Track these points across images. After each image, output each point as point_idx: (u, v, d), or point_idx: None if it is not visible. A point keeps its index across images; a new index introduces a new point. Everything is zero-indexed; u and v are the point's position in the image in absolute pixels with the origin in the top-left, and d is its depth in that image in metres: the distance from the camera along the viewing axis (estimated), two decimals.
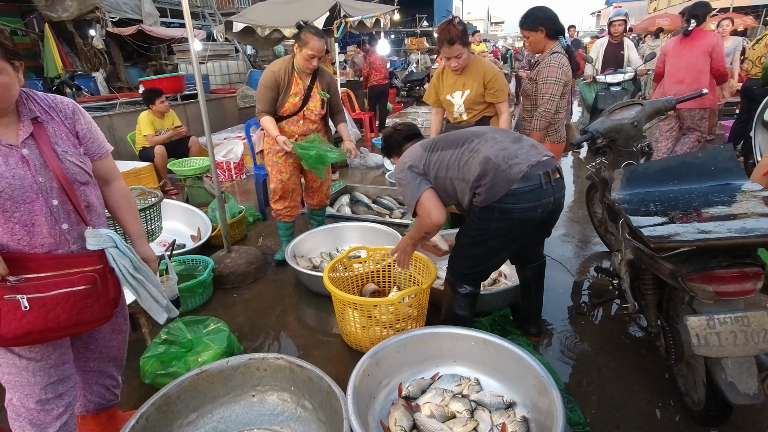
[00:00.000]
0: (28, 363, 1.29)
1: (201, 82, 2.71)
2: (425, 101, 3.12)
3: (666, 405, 1.88)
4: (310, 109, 2.85)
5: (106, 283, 1.32)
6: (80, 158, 1.33)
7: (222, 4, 13.05)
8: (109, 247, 1.30)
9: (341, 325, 2.31)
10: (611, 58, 5.25)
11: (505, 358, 1.81)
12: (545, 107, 2.63)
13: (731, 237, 1.31)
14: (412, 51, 17.46)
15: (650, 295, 1.83)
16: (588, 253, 3.30)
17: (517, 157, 1.81)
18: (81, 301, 1.25)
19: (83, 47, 9.06)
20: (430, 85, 3.05)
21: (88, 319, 1.29)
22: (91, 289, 1.26)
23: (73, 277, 1.24)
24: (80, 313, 1.26)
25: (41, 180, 1.23)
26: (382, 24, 6.14)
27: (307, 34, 2.60)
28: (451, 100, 2.89)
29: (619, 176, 1.89)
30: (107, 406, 1.70)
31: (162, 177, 4.77)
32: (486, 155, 1.82)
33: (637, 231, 1.48)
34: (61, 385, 1.37)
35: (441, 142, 1.99)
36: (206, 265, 2.89)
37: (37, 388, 1.32)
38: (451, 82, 2.88)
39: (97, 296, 1.28)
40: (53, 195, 1.25)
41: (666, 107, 2.31)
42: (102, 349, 1.57)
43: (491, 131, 1.97)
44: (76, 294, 1.23)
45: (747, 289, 1.39)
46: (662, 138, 4.21)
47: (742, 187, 1.70)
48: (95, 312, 1.29)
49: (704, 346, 1.41)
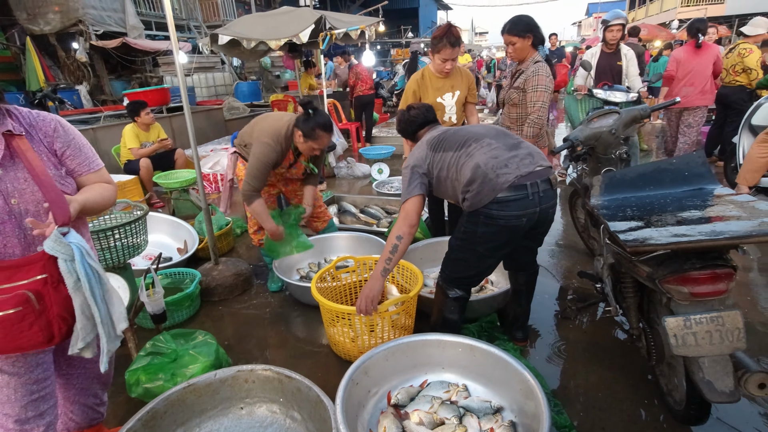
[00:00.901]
0: (10, 378, 1.26)
1: (186, 95, 2.72)
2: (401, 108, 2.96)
3: (650, 405, 1.92)
4: (291, 173, 2.78)
5: (47, 299, 1.15)
6: (61, 179, 1.28)
7: (208, 17, 13.08)
8: (63, 258, 1.14)
9: (330, 335, 2.32)
10: (606, 70, 4.42)
11: (492, 363, 1.84)
12: (537, 114, 2.69)
13: (702, 240, 1.36)
14: (397, 61, 17.68)
15: (631, 298, 1.87)
16: (572, 258, 3.36)
17: (507, 166, 1.84)
18: (13, 327, 1.10)
19: (66, 60, 9.02)
20: (407, 92, 2.98)
21: (27, 344, 1.15)
22: (22, 311, 1.10)
23: (1, 299, 1.10)
24: (16, 338, 1.12)
25: (14, 202, 1.18)
26: (367, 36, 6.22)
27: (319, 132, 2.41)
28: (442, 102, 2.89)
29: (598, 183, 1.95)
30: (91, 425, 1.68)
31: (148, 190, 4.73)
32: (477, 162, 1.86)
33: (615, 235, 1.53)
34: (43, 403, 1.34)
35: (445, 142, 2.03)
36: (193, 277, 2.87)
37: (18, 405, 1.28)
38: (439, 85, 2.89)
39: (33, 318, 1.13)
40: (27, 217, 1.19)
41: (642, 115, 2.38)
42: (86, 365, 1.54)
43: (491, 135, 1.98)
44: (4, 319, 1.08)
45: (720, 289, 1.44)
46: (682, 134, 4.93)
47: (714, 192, 1.77)
48: (34, 335, 1.14)
49: (682, 346, 1.45)
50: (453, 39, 2.67)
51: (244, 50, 5.96)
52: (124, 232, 2.07)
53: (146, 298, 2.12)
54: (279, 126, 2.51)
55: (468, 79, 2.96)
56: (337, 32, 5.69)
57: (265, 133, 2.48)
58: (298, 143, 2.50)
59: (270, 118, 2.63)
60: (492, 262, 2.04)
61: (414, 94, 2.94)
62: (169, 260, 3.26)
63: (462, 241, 1.98)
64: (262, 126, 2.57)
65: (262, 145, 2.45)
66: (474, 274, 2.06)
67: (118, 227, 2.03)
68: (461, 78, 2.92)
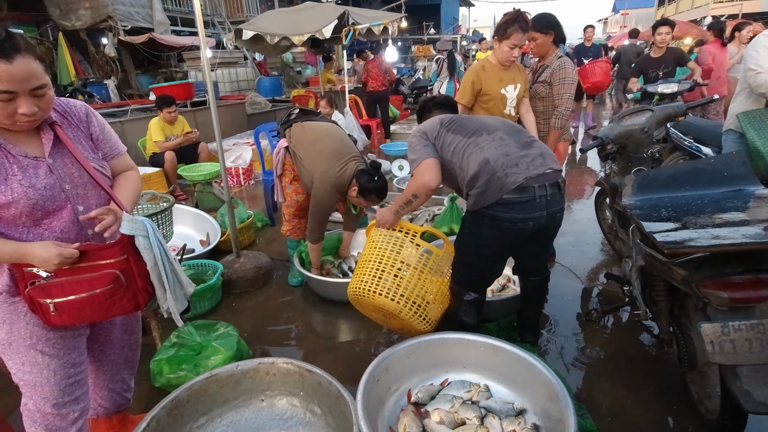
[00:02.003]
0: (50, 360, 1.30)
1: (212, 89, 2.74)
2: (459, 101, 2.78)
3: (679, 413, 1.85)
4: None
5: (131, 274, 1.28)
6: (99, 162, 1.34)
7: (232, 13, 13.23)
8: (140, 235, 1.26)
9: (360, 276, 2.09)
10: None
11: (515, 364, 1.80)
12: (565, 106, 2.73)
13: (747, 243, 1.30)
14: (418, 58, 17.55)
15: (662, 302, 1.81)
16: (597, 259, 3.27)
17: (517, 165, 1.78)
18: (107, 301, 1.25)
19: (95, 55, 9.24)
20: (467, 82, 2.77)
21: (119, 312, 1.30)
22: (113, 287, 1.24)
23: (95, 278, 1.22)
24: (109, 310, 1.27)
25: (68, 188, 1.24)
26: (390, 31, 6.19)
27: (374, 196, 2.53)
28: (506, 93, 2.74)
29: (630, 182, 1.89)
30: (118, 411, 1.71)
31: (172, 182, 4.81)
32: (486, 156, 1.81)
33: (649, 237, 1.47)
34: (78, 389, 1.38)
35: (456, 124, 1.98)
36: (215, 269, 2.91)
37: (56, 388, 1.32)
38: (501, 76, 2.73)
39: (122, 293, 1.27)
40: (78, 201, 1.27)
41: (677, 113, 2.30)
42: (116, 350, 1.58)
43: (504, 129, 1.93)
44: (99, 296, 1.23)
45: (762, 295, 1.37)
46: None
47: (755, 193, 1.69)
48: (124, 306, 1.29)
49: (719, 353, 1.39)
50: (524, 24, 2.57)
51: (267, 45, 6.02)
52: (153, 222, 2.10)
53: None
54: (343, 172, 2.54)
55: (524, 73, 2.85)
56: (360, 27, 5.68)
57: (327, 177, 2.53)
58: (350, 192, 2.60)
59: (330, 146, 2.62)
60: (499, 264, 2.00)
61: (473, 85, 2.75)
62: (192, 252, 3.30)
63: (467, 245, 1.94)
64: (323, 159, 2.57)
65: (326, 193, 2.56)
66: (482, 277, 2.02)
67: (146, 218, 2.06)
68: (519, 71, 2.80)
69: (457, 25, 24.81)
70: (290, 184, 2.89)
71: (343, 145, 2.67)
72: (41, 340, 1.28)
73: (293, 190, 2.89)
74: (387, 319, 2.16)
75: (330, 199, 2.58)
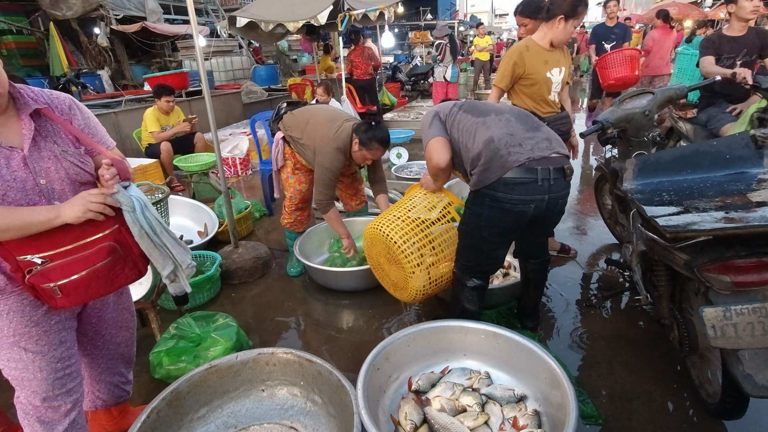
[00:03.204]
0: (35, 357, 1.28)
1: (206, 79, 2.69)
2: (496, 84, 2.61)
3: (679, 397, 1.85)
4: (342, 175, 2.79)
5: (126, 243, 1.29)
6: (80, 158, 1.28)
7: (225, 0, 13.02)
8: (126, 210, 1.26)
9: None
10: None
11: (515, 351, 1.79)
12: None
13: (751, 226, 1.28)
14: (416, 44, 17.34)
15: (663, 287, 1.80)
16: (597, 245, 3.26)
17: (521, 146, 1.77)
18: (109, 272, 1.26)
19: (88, 45, 9.10)
20: (507, 64, 2.52)
21: (125, 282, 1.33)
22: (113, 259, 1.26)
23: (92, 254, 1.22)
24: (114, 281, 1.29)
25: (42, 182, 1.19)
26: (386, 17, 6.09)
27: (376, 144, 2.45)
28: (551, 77, 2.52)
29: (631, 166, 1.86)
30: (118, 403, 1.71)
31: (168, 173, 4.77)
32: (491, 135, 1.81)
33: (651, 221, 1.45)
34: (69, 381, 1.37)
35: (468, 105, 2.00)
36: (213, 260, 2.89)
37: (45, 383, 1.31)
38: (547, 58, 2.50)
39: (123, 262, 1.29)
40: (55, 198, 1.22)
41: (678, 95, 2.26)
42: (109, 345, 1.56)
43: (512, 112, 1.93)
44: (101, 270, 1.24)
45: (766, 278, 1.35)
46: None
47: (758, 175, 1.66)
48: (128, 275, 1.32)
49: (721, 337, 1.38)
50: (587, 2, 2.40)
51: (261, 33, 5.92)
52: None
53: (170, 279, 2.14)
54: (341, 131, 2.50)
55: (569, 56, 2.67)
56: (355, 13, 5.58)
57: (327, 140, 2.48)
58: (353, 149, 2.53)
59: (322, 116, 2.61)
60: (501, 248, 1.98)
61: (515, 68, 2.51)
62: (189, 243, 3.28)
63: (468, 226, 1.94)
64: (318, 129, 2.55)
65: (330, 155, 2.47)
66: (486, 262, 2.01)
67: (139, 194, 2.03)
68: (564, 54, 2.61)
69: (454, 10, 24.47)
70: (292, 174, 2.85)
71: (335, 113, 2.67)
72: (24, 337, 1.26)
73: (296, 180, 2.86)
74: (387, 272, 2.29)
75: (335, 160, 2.48)
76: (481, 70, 11.13)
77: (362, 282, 2.74)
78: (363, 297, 2.72)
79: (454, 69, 6.80)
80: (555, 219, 1.97)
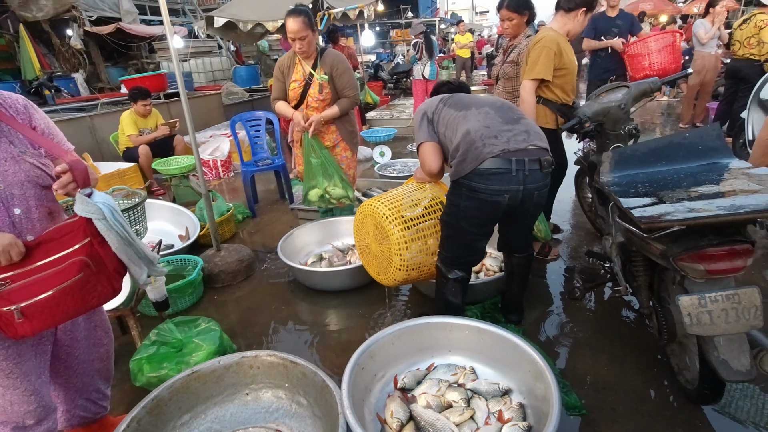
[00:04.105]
0: (5, 391, 1.22)
1: (182, 80, 2.64)
2: (543, 77, 2.43)
3: (660, 385, 1.89)
4: (311, 96, 2.86)
5: (99, 258, 1.18)
6: (40, 159, 1.22)
7: (203, 0, 12.82)
8: (96, 218, 1.15)
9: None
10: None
11: (500, 345, 1.81)
12: None
13: (721, 215, 1.31)
14: (397, 43, 17.34)
15: (642, 277, 1.83)
16: (579, 238, 3.31)
17: (497, 137, 1.81)
18: (81, 290, 1.15)
19: (61, 47, 8.85)
20: (548, 55, 2.40)
21: (99, 301, 1.22)
22: (84, 276, 1.14)
23: (61, 271, 1.12)
24: (87, 300, 1.18)
25: (0, 187, 1.12)
26: (366, 15, 6.07)
27: (285, 17, 2.58)
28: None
29: (608, 159, 1.89)
30: (94, 419, 1.66)
31: (148, 177, 4.68)
32: (468, 128, 1.85)
33: (627, 212, 1.47)
34: (42, 411, 1.31)
35: (453, 100, 2.03)
36: (195, 264, 2.85)
37: (16, 416, 1.26)
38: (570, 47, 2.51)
39: (96, 279, 1.17)
40: (14, 203, 1.15)
41: (652, 89, 2.30)
42: (82, 365, 1.51)
43: (492, 105, 1.95)
44: (72, 288, 1.13)
45: (737, 266, 1.39)
46: None
47: (729, 166, 1.71)
48: (102, 291, 1.20)
49: (696, 324, 1.41)
50: None
51: (240, 33, 5.85)
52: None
53: (148, 285, 2.09)
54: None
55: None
56: (335, 11, 5.55)
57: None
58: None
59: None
60: (480, 241, 2.00)
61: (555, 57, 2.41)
62: (170, 247, 3.23)
63: (449, 216, 1.99)
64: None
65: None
66: (467, 253, 2.03)
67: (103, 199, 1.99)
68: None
69: (435, 8, 24.54)
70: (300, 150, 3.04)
71: None
72: None
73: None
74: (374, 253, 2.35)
75: (276, 66, 2.98)
76: (462, 67, 11.19)
77: (347, 281, 2.73)
78: (349, 296, 2.71)
79: (432, 66, 6.81)
80: (534, 212, 1.99)
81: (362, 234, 2.46)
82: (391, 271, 2.21)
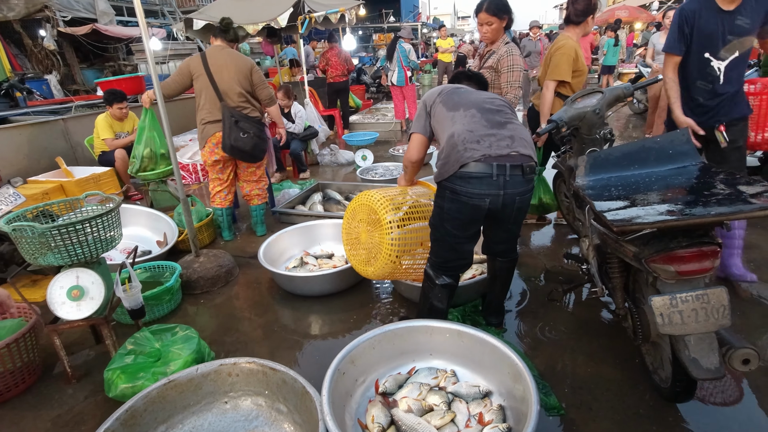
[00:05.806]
0: None
1: (158, 83, 2.60)
2: (564, 78, 2.83)
3: (636, 384, 1.93)
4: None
5: None
6: None
7: (182, 2, 12.66)
8: None
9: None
10: None
11: (480, 348, 1.82)
12: (514, 94, 2.79)
13: (689, 217, 1.35)
14: (380, 47, 17.40)
15: (617, 278, 1.87)
16: (558, 240, 3.36)
17: (478, 143, 1.83)
18: None
19: (33, 48, 8.62)
20: (569, 58, 2.80)
21: None
22: None
23: None
24: None
25: None
26: (347, 19, 6.08)
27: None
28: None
29: (583, 163, 1.93)
30: None
31: (124, 182, 4.58)
32: (453, 131, 1.89)
33: (600, 215, 1.50)
34: None
35: (448, 96, 2.06)
36: (173, 271, 2.79)
37: None
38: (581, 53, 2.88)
39: None
40: None
41: (625, 94, 2.36)
42: None
43: (480, 108, 1.96)
44: None
45: (706, 267, 1.43)
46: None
47: (698, 169, 1.76)
48: None
49: (668, 324, 1.45)
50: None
51: None
52: (95, 226, 1.97)
53: (122, 293, 2.05)
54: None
55: None
56: (316, 15, 5.54)
57: None
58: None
59: None
60: (466, 244, 2.01)
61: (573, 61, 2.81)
62: (148, 253, 3.16)
63: (434, 218, 2.02)
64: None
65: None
66: (454, 258, 2.03)
67: (89, 220, 1.93)
68: None
69: (417, 12, 24.73)
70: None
71: None
72: None
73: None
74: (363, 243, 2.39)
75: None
76: (444, 71, 11.30)
77: (328, 286, 2.72)
78: (331, 301, 2.70)
79: (399, 72, 6.85)
80: (517, 217, 2.01)
81: (353, 225, 2.49)
82: (380, 258, 2.21)
